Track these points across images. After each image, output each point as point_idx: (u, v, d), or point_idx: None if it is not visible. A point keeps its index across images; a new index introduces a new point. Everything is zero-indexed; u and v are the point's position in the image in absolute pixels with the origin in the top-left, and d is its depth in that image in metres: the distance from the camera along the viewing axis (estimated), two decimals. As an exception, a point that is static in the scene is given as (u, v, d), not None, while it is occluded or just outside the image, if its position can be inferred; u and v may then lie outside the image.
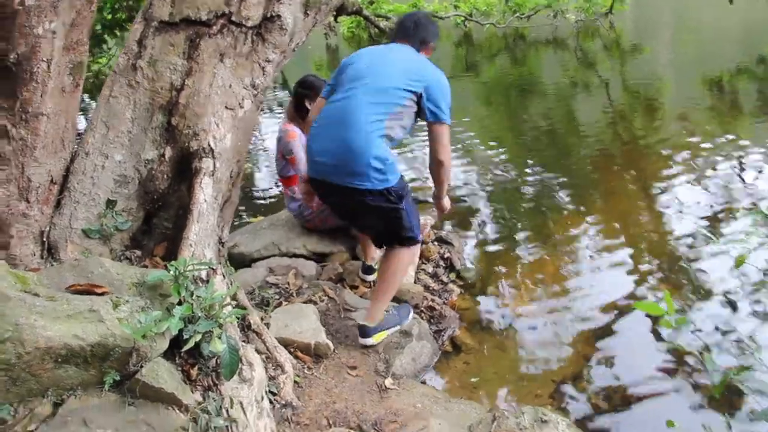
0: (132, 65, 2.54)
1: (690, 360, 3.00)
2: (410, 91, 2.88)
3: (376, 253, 3.64)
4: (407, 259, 3.11)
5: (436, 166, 3.06)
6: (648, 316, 3.39)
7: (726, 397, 2.65)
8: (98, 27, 7.41)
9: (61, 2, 2.12)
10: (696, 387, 2.81)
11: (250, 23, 2.68)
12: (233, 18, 2.63)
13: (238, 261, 3.98)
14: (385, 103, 2.84)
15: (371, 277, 3.66)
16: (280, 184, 4.28)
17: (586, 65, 11.77)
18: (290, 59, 3.00)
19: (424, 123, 3.01)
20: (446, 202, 3.32)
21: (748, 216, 2.37)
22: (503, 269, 4.06)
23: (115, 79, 2.53)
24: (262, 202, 5.81)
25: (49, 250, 2.43)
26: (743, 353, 2.96)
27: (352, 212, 3.08)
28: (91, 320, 1.97)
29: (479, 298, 3.71)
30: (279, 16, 2.75)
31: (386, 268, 3.07)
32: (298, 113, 3.97)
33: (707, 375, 1.85)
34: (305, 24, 2.98)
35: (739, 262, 1.60)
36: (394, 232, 3.02)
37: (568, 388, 2.93)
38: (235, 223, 5.08)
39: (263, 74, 2.79)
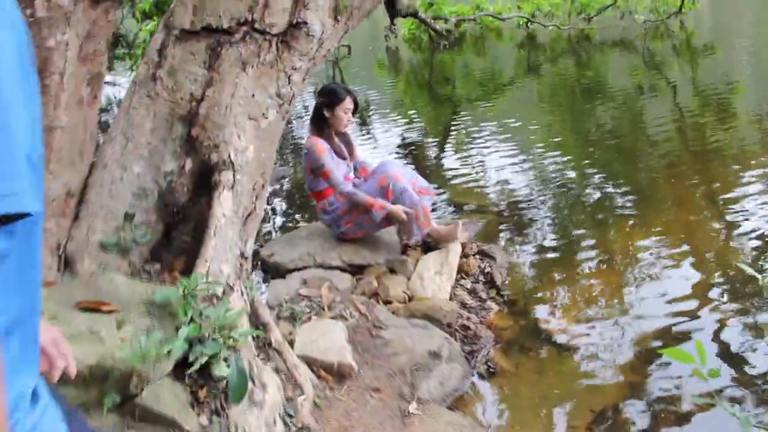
0: (152, 75, 2.48)
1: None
2: None
3: None
4: None
5: None
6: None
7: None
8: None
9: (74, 14, 2.08)
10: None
11: (274, 30, 2.59)
12: (256, 25, 2.54)
13: (274, 271, 3.92)
14: None
15: None
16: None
17: (653, 67, 11.27)
18: (353, 60, 2.88)
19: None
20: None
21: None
22: (552, 284, 3.84)
23: (135, 90, 2.49)
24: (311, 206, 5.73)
25: (66, 263, 2.40)
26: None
27: None
28: (91, 341, 1.91)
29: (520, 317, 3.51)
30: (305, 23, 2.65)
31: None
32: (316, 123, 3.87)
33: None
34: (336, 30, 2.87)
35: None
36: None
37: (607, 421, 2.71)
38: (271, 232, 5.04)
39: (289, 83, 2.69)
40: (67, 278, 2.37)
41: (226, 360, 2.16)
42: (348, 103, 3.85)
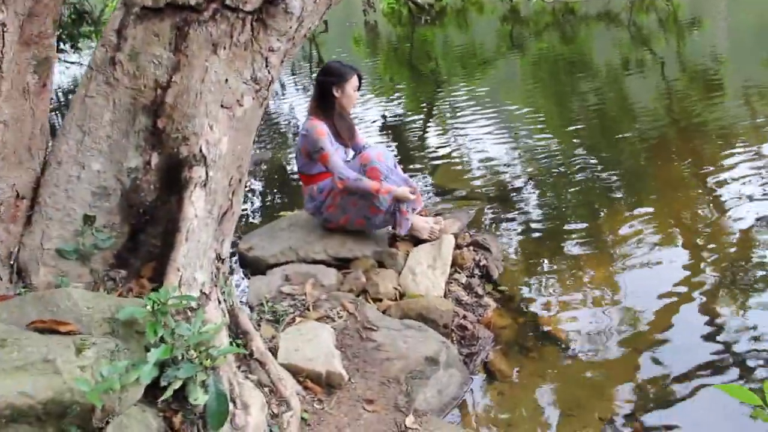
0: (111, 59, 2.19)
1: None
2: None
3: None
4: None
5: None
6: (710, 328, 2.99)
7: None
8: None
9: (11, -12, 1.79)
10: None
11: (248, 7, 2.29)
12: (228, 1, 2.25)
13: (254, 266, 3.67)
14: None
15: None
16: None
17: (639, 41, 11.06)
18: (330, 36, 2.60)
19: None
20: None
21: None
22: (549, 277, 3.63)
23: (91, 76, 2.19)
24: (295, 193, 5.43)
25: (19, 274, 2.13)
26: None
27: None
28: (45, 372, 1.65)
29: (518, 314, 3.30)
30: (284, -1, 2.36)
31: None
32: (322, 103, 3.61)
33: None
34: (317, 6, 2.58)
35: None
36: None
37: (618, 430, 2.52)
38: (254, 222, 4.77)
39: (266, 66, 2.41)
40: (20, 291, 2.10)
41: (203, 383, 1.92)
42: (355, 81, 3.64)
